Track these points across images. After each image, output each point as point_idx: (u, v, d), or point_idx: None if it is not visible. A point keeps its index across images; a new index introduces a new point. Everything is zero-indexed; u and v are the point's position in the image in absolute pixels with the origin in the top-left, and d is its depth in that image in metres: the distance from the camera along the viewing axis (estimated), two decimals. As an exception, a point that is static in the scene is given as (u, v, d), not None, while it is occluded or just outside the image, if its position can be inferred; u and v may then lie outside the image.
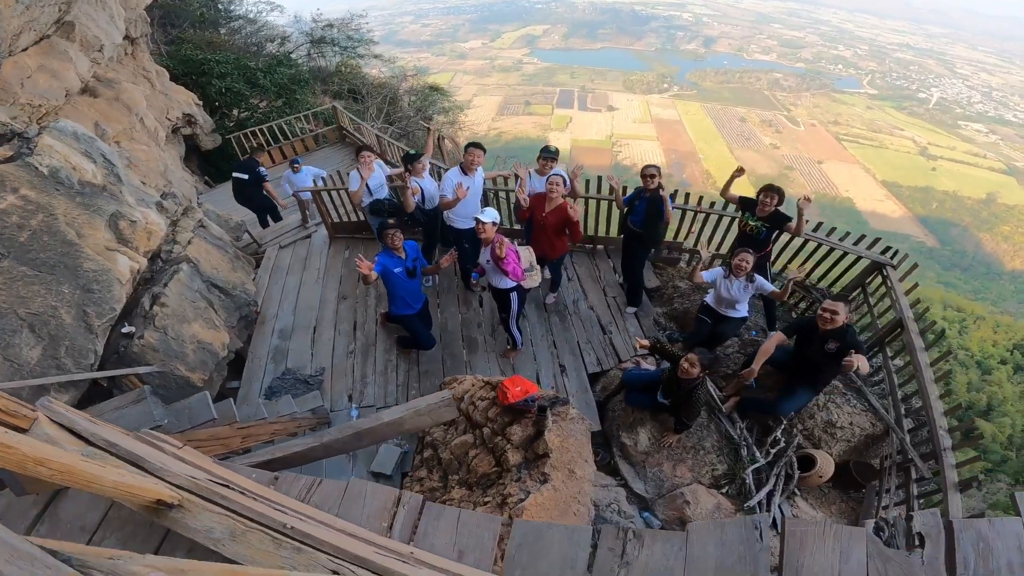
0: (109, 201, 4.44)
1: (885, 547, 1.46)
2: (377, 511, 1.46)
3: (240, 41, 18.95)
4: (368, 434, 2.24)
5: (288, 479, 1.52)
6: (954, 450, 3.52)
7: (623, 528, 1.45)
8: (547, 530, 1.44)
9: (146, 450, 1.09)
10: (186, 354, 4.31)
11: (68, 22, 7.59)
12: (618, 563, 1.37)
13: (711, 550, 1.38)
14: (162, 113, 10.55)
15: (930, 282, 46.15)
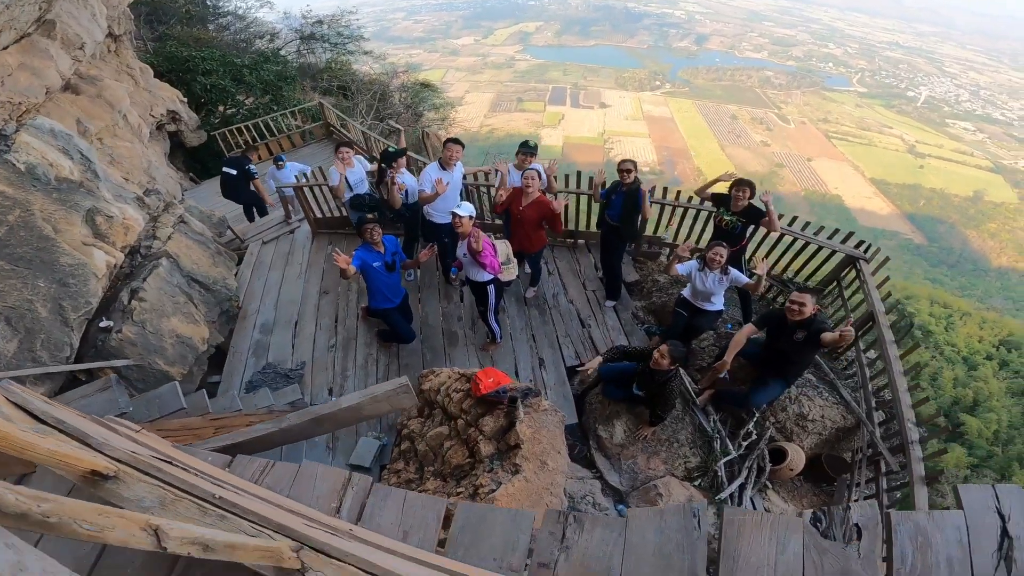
0: (86, 197, 4.43)
1: (822, 539, 1.49)
2: (327, 493, 1.51)
3: (229, 38, 18.80)
4: (327, 420, 2.29)
5: (243, 461, 1.56)
6: (922, 443, 3.60)
7: (564, 512, 1.50)
8: (490, 513, 1.49)
9: (95, 428, 1.13)
10: (165, 348, 4.32)
11: (49, 20, 7.52)
12: (558, 547, 1.41)
13: (650, 537, 1.42)
14: (146, 110, 10.47)
15: (917, 278, 46.62)
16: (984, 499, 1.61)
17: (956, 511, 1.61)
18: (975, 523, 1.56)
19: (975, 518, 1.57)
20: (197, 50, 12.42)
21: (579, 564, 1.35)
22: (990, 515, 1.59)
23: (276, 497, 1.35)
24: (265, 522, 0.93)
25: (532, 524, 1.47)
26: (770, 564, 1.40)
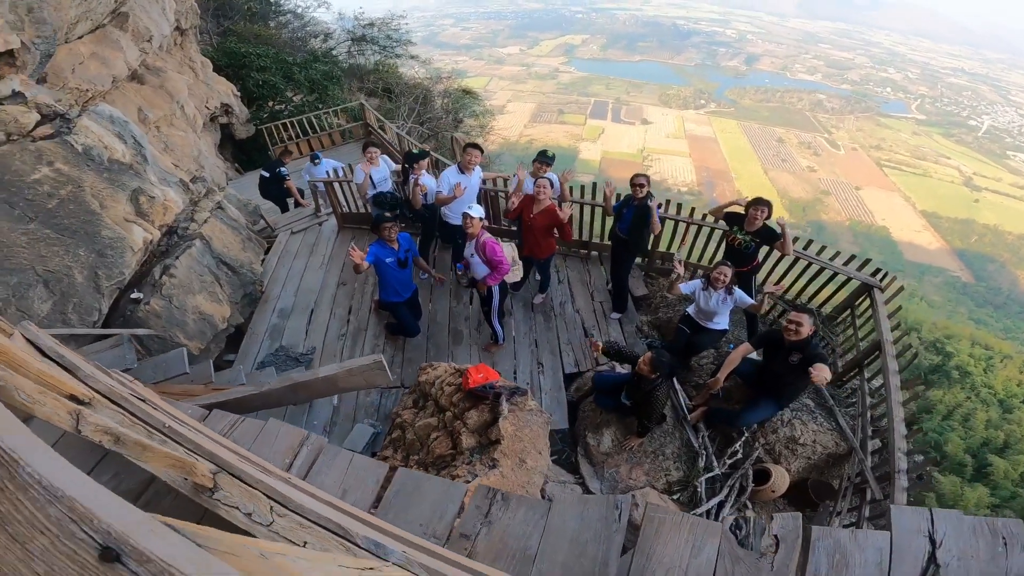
0: (133, 178, 4.82)
1: (739, 547, 1.47)
2: (284, 449, 1.66)
3: (287, 35, 19.73)
4: (303, 388, 2.47)
5: (217, 416, 1.75)
6: (908, 473, 3.54)
7: (493, 490, 1.60)
8: (426, 482, 1.61)
9: (87, 366, 1.32)
10: (187, 323, 4.64)
11: (123, 13, 8.12)
12: (481, 521, 1.50)
13: (570, 524, 1.48)
14: (202, 102, 11.14)
15: (961, 318, 44.41)
16: (916, 522, 1.58)
17: (882, 532, 1.57)
18: (901, 546, 1.53)
19: (902, 541, 1.54)
20: (254, 47, 13.12)
21: (498, 540, 1.45)
22: (919, 539, 1.55)
23: (230, 443, 1.51)
24: (199, 450, 1.08)
25: (463, 497, 1.58)
26: (681, 567, 1.41)
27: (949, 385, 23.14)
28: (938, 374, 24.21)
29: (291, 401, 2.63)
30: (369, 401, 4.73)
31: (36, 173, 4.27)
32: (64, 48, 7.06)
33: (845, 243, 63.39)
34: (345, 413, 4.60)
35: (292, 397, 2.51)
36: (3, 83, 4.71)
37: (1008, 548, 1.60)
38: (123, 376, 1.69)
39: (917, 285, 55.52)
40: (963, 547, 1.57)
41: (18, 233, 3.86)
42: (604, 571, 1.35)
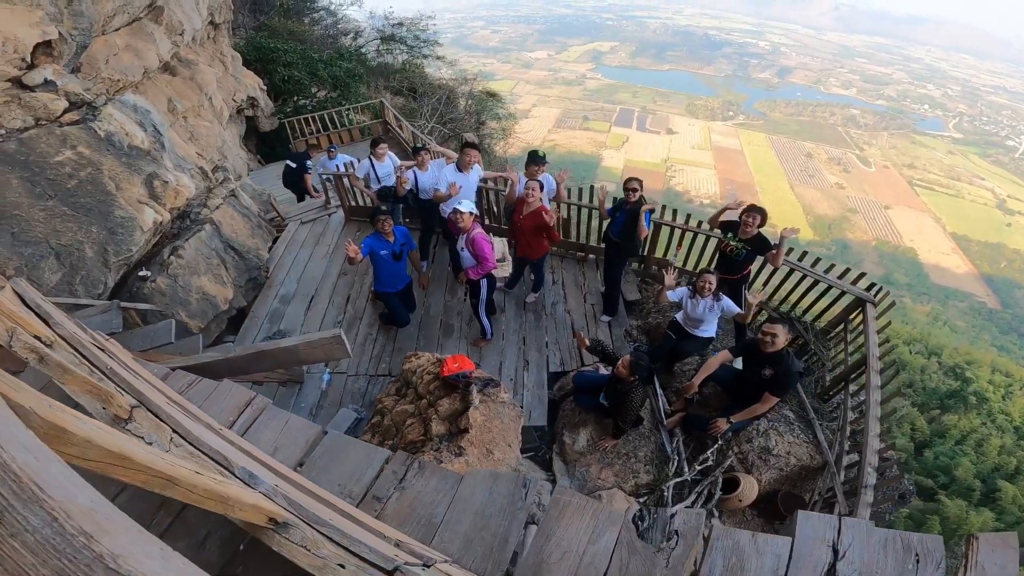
0: (149, 163, 5.09)
1: (638, 539, 1.47)
2: (230, 408, 1.81)
3: (319, 32, 20.23)
4: (267, 356, 2.64)
5: (178, 375, 1.91)
6: (875, 489, 3.54)
7: (411, 456, 1.71)
8: (350, 446, 1.73)
9: (61, 316, 1.49)
10: (190, 302, 4.88)
11: (158, 6, 8.47)
12: (395, 485, 1.61)
13: (478, 496, 1.56)
14: (230, 94, 11.53)
15: (984, 344, 43.30)
16: (821, 530, 1.57)
17: (784, 538, 1.55)
18: (802, 554, 1.51)
19: (804, 548, 1.52)
20: (283, 43, 13.52)
21: (407, 504, 1.55)
22: (821, 548, 1.53)
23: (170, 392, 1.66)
24: (129, 389, 1.23)
25: (383, 462, 1.69)
26: (578, 551, 1.44)
27: (966, 410, 22.97)
28: (955, 399, 23.98)
29: (256, 368, 2.79)
30: (356, 388, 4.89)
31: (59, 155, 4.55)
32: (100, 39, 7.39)
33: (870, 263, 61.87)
34: (332, 399, 4.76)
35: (257, 364, 2.68)
36: (37, 71, 4.99)
37: (920, 566, 1.57)
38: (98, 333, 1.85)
39: (942, 309, 54.09)
40: (868, 560, 1.54)
41: (37, 209, 4.12)
42: (503, 546, 1.44)
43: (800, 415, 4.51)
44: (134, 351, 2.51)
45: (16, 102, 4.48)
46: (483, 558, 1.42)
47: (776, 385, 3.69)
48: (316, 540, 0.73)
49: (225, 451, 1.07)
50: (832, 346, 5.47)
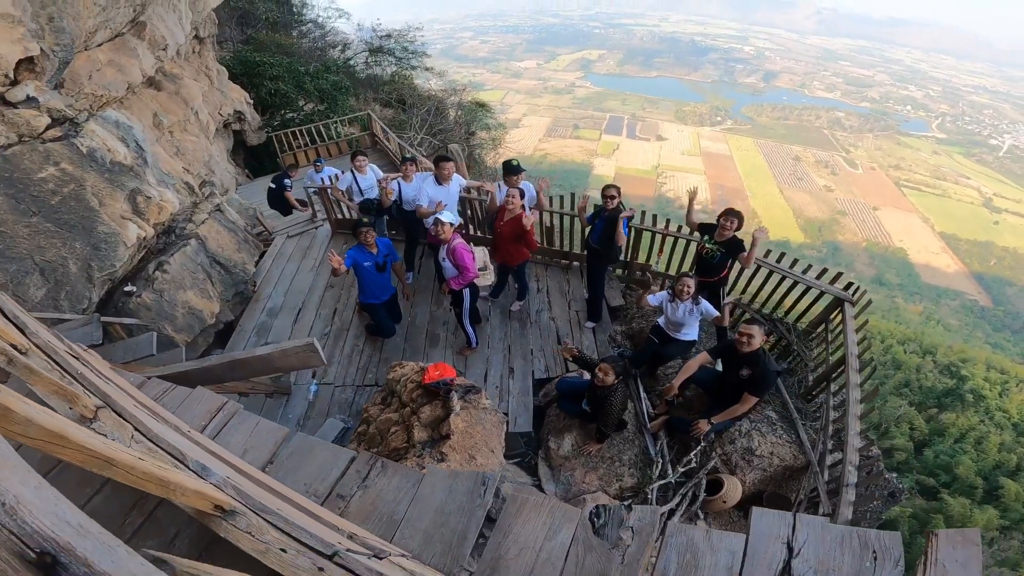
0: (132, 179, 5.12)
1: (594, 536, 1.49)
2: (202, 413, 1.86)
3: (307, 44, 20.28)
4: (241, 365, 2.68)
5: (153, 383, 1.96)
6: (857, 487, 3.59)
7: (375, 456, 1.75)
8: (317, 447, 1.78)
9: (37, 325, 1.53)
10: (175, 316, 4.89)
11: (141, 22, 8.49)
12: (358, 484, 1.65)
13: (438, 494, 1.60)
14: (216, 108, 11.56)
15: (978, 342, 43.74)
16: (776, 527, 1.57)
17: (739, 535, 1.55)
18: (756, 550, 1.51)
19: (758, 545, 1.52)
20: (268, 56, 13.59)
21: (370, 502, 1.59)
22: (776, 545, 1.52)
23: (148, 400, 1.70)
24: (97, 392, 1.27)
25: (348, 462, 1.74)
26: (535, 547, 1.47)
27: (963, 408, 23.14)
28: (951, 397, 24.19)
29: (231, 377, 2.83)
30: (344, 398, 4.91)
31: (43, 172, 4.57)
32: (83, 55, 7.40)
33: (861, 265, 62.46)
34: (320, 409, 4.78)
35: (232, 372, 2.72)
36: (19, 88, 5.01)
37: (878, 563, 1.56)
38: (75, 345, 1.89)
39: (934, 308, 54.57)
40: (824, 558, 1.54)
41: (21, 226, 4.14)
42: (462, 542, 1.48)
43: (783, 415, 4.57)
44: (116, 363, 2.54)
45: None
46: (442, 554, 1.46)
47: (754, 385, 3.76)
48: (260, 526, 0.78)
49: (182, 447, 1.12)
50: (815, 346, 5.54)
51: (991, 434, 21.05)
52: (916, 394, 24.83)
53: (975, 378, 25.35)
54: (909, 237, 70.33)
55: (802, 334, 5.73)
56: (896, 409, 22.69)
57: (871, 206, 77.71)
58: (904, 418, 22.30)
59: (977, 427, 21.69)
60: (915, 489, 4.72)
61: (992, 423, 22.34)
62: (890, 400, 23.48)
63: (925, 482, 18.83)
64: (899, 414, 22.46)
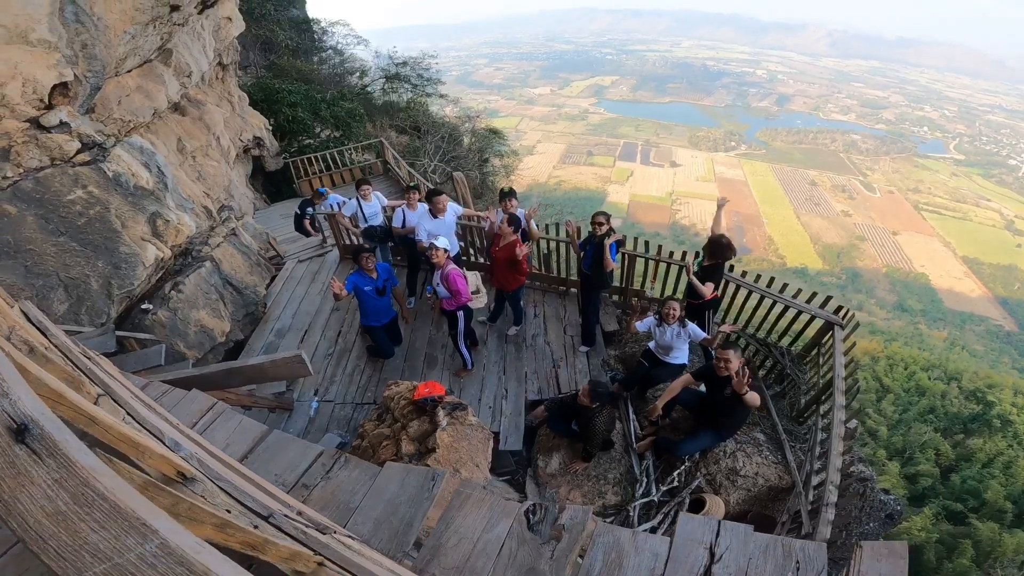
0: (153, 203, 5.47)
1: (528, 531, 1.59)
2: (195, 411, 2.11)
3: (327, 71, 21.03)
4: (237, 372, 2.91)
5: (155, 385, 2.20)
6: (836, 507, 3.63)
7: (340, 452, 1.93)
8: (291, 442, 1.98)
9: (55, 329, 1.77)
10: (188, 334, 5.17)
11: (167, 49, 8.98)
12: (323, 475, 1.83)
13: (392, 487, 1.77)
14: (237, 134, 12.10)
15: (1005, 367, 42.48)
16: (700, 532, 1.64)
17: (663, 537, 1.63)
18: (680, 554, 1.58)
19: (682, 549, 1.59)
20: (287, 83, 14.19)
21: (331, 492, 1.77)
22: (699, 550, 1.59)
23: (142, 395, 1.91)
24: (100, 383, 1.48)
25: (315, 456, 1.92)
26: (473, 539, 1.60)
27: (990, 433, 22.81)
28: (978, 423, 23.91)
29: (228, 384, 3.07)
30: (343, 415, 5.10)
31: (71, 194, 4.93)
32: (112, 81, 7.85)
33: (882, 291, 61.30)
34: (319, 425, 4.98)
35: (228, 380, 2.96)
36: (53, 113, 5.40)
37: (800, 573, 1.60)
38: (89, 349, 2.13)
39: (959, 334, 53.14)
40: (745, 565, 1.59)
41: (49, 244, 4.48)
42: (407, 530, 1.63)
43: (772, 437, 4.63)
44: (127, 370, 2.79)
45: (34, 142, 4.87)
46: (389, 540, 1.62)
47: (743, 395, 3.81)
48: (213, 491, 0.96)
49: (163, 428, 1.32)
50: (808, 369, 5.59)
51: (1020, 458, 20.65)
52: (941, 420, 24.56)
53: (1002, 403, 24.86)
54: (931, 262, 68.97)
55: (796, 358, 5.79)
56: (921, 435, 22.51)
57: (890, 231, 76.56)
58: (929, 444, 22.10)
59: (1005, 452, 21.30)
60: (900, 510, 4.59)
61: (1021, 448, 21.85)
62: (915, 427, 23.24)
63: (952, 507, 18.51)
64: (924, 440, 22.28)
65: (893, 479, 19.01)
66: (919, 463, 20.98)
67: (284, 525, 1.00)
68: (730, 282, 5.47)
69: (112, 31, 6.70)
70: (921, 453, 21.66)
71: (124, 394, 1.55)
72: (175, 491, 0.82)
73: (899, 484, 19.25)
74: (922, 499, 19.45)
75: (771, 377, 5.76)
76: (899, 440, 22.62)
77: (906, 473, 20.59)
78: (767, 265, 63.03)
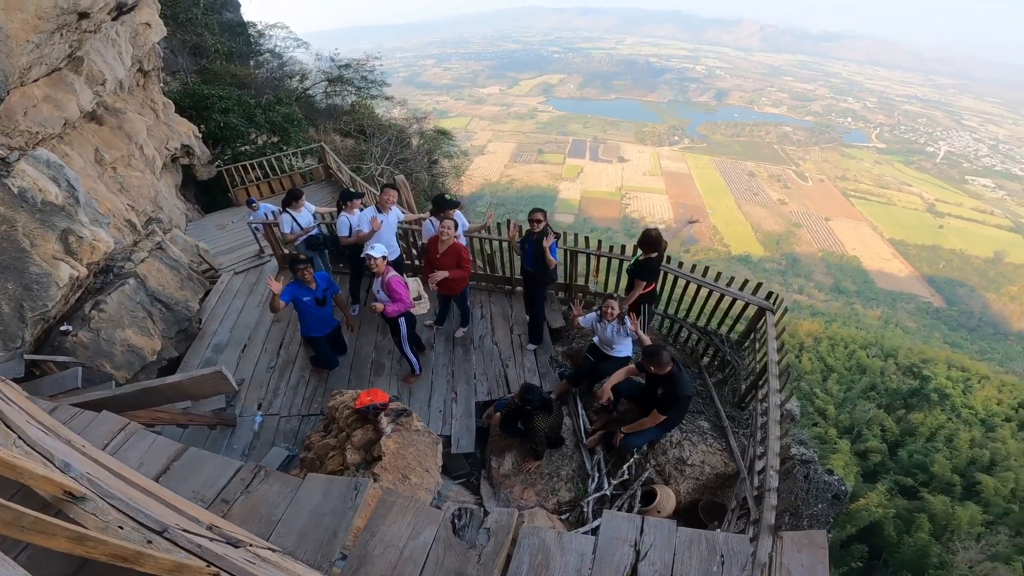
0: (64, 219, 5.10)
1: (454, 536, 1.59)
2: (105, 433, 2.02)
3: (264, 75, 20.18)
4: (155, 392, 2.80)
5: (64, 408, 2.09)
6: (778, 492, 3.75)
7: (259, 465, 1.89)
8: (208, 459, 1.92)
9: None
10: (114, 354, 4.88)
11: (78, 57, 8.37)
12: (242, 490, 1.79)
13: (315, 498, 1.75)
14: (162, 143, 11.41)
15: (936, 342, 45.43)
16: (624, 530, 1.66)
17: (588, 536, 1.63)
18: (605, 553, 1.59)
19: (606, 548, 1.60)
20: (217, 89, 13.51)
21: (251, 505, 1.73)
22: (624, 547, 1.61)
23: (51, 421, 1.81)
24: None
25: (234, 472, 1.87)
26: (399, 546, 1.60)
27: (929, 407, 23.86)
28: (917, 397, 24.96)
29: (146, 404, 2.94)
30: (289, 428, 4.94)
31: (-27, 215, 4.53)
32: (18, 91, 7.25)
33: (819, 274, 64.92)
34: (265, 439, 4.81)
35: (146, 399, 2.83)
36: (-52, 129, 4.95)
37: (725, 568, 1.64)
38: None
39: (891, 312, 56.52)
40: (670, 560, 1.62)
41: (-50, 269, 4.10)
42: (332, 540, 1.61)
43: (716, 424, 4.80)
44: (44, 395, 2.62)
45: (-71, 161, 4.46)
46: (314, 550, 1.59)
47: (663, 404, 3.95)
48: (104, 509, 0.92)
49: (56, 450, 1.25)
50: (746, 355, 5.83)
51: (961, 431, 21.58)
52: (883, 396, 25.52)
53: (938, 377, 26.23)
54: (861, 245, 73.83)
55: (735, 345, 6.03)
56: (866, 412, 23.23)
57: (823, 217, 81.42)
58: (875, 421, 22.84)
59: (946, 425, 22.25)
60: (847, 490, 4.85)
61: (960, 420, 22.90)
62: (859, 404, 24.01)
63: (903, 482, 19.07)
64: (869, 417, 23.00)
65: (846, 456, 19.38)
66: (867, 440, 21.67)
67: (179, 539, 0.98)
68: (668, 273, 5.63)
69: (14, 40, 6.19)
70: (868, 430, 22.39)
71: (18, 419, 1.44)
72: (19, 508, 0.77)
73: (852, 461, 19.65)
74: (875, 475, 19.98)
75: (714, 364, 5.95)
76: (846, 418, 23.29)
77: (856, 450, 21.11)
78: (713, 254, 65.66)
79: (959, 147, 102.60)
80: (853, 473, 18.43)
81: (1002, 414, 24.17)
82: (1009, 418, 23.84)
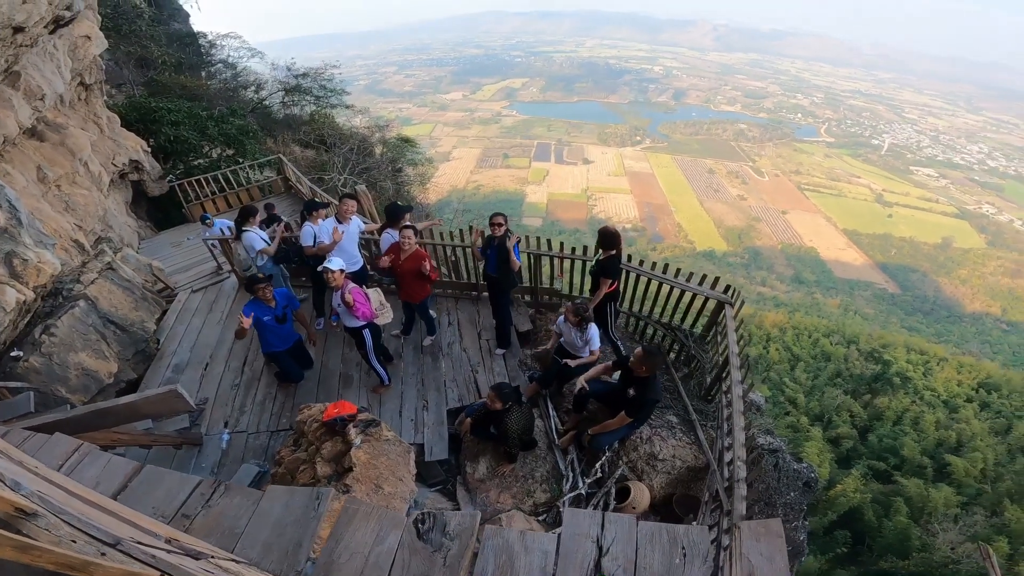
0: (6, 241, 4.87)
1: (418, 540, 1.60)
2: (60, 454, 2.00)
3: (217, 86, 19.52)
4: (109, 413, 2.75)
5: (16, 432, 2.07)
6: (748, 483, 3.86)
7: (217, 480, 1.90)
8: (167, 475, 1.92)
9: None
10: (68, 378, 4.72)
11: (15, 72, 8.01)
12: (202, 504, 1.80)
13: (277, 509, 1.76)
14: (108, 159, 10.93)
15: (894, 327, 46.87)
16: (585, 526, 1.68)
17: (551, 535, 1.65)
18: (569, 550, 1.60)
19: (569, 545, 1.62)
20: (166, 101, 13.04)
21: (213, 520, 1.73)
22: (586, 544, 1.62)
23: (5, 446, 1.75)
24: None
25: (194, 487, 1.88)
26: (364, 552, 1.61)
27: (893, 391, 24.11)
28: (881, 382, 25.35)
29: (100, 425, 2.87)
30: (259, 444, 4.86)
31: (-98, 243, 4.29)
32: (-49, 108, 6.91)
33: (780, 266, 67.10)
34: (234, 456, 4.72)
35: (100, 421, 2.77)
36: None
37: (687, 559, 1.65)
38: None
39: (850, 300, 58.33)
40: (632, 555, 1.64)
41: None
42: (297, 550, 1.63)
43: (684, 418, 4.93)
44: None
45: None
46: (279, 561, 1.60)
47: (631, 406, 4.05)
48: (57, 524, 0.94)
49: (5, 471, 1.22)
50: (710, 348, 6.01)
51: (926, 414, 21.89)
52: (849, 382, 25.80)
53: (898, 361, 26.74)
54: (817, 236, 76.80)
55: (699, 339, 6.20)
56: (834, 399, 23.42)
57: (780, 210, 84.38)
58: (843, 407, 23.01)
59: (911, 408, 22.54)
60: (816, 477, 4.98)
61: (924, 403, 23.28)
62: (827, 391, 24.19)
63: (876, 466, 19.14)
64: (837, 403, 23.18)
65: (819, 444, 19.38)
66: (838, 426, 21.81)
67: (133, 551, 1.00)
68: (629, 272, 5.76)
69: (-58, 56, 5.89)
70: (838, 416, 22.56)
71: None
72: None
73: (825, 448, 19.62)
74: (848, 461, 20.07)
75: (680, 359, 6.07)
76: (816, 405, 23.47)
77: (828, 437, 21.20)
78: (679, 251, 67.16)
79: (902, 139, 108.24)
80: (828, 460, 18.45)
81: (963, 395, 24.64)
82: (970, 398, 24.37)
